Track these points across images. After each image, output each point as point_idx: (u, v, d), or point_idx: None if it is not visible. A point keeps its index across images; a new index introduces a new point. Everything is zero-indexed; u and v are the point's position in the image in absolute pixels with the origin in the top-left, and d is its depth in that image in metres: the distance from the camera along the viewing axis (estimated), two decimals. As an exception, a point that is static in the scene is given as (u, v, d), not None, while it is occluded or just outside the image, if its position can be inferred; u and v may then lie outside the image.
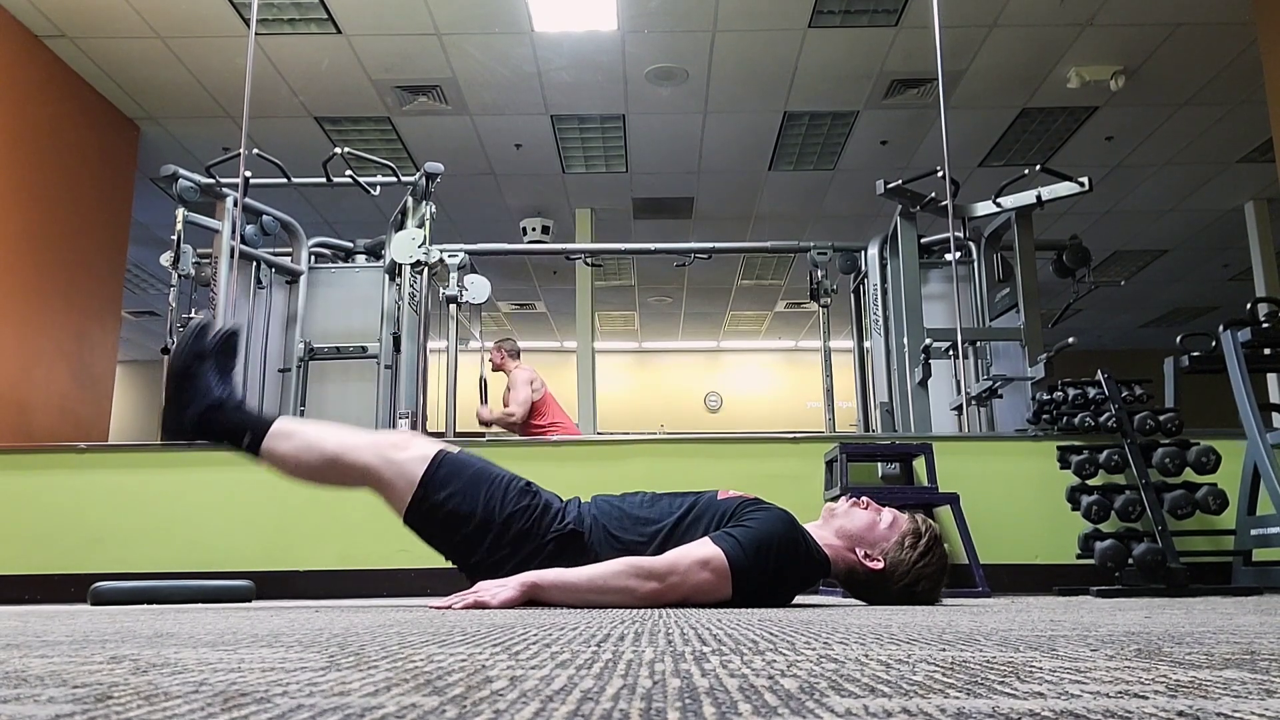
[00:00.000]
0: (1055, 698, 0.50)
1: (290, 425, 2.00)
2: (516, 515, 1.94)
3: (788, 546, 1.85)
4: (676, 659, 0.72)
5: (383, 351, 4.78)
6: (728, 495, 2.00)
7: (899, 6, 4.94)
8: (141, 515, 3.61)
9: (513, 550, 1.92)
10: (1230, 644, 0.87)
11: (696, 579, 1.78)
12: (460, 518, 1.93)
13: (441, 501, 1.92)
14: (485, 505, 1.93)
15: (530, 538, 1.92)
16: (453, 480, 1.94)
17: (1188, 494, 3.06)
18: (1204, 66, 5.47)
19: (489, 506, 1.93)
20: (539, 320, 10.61)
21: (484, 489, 1.95)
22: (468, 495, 1.93)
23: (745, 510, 1.92)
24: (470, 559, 1.96)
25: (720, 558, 1.78)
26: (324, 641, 0.92)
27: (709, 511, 1.94)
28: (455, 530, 1.94)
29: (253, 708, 0.46)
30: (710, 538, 1.84)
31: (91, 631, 1.14)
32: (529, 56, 5.40)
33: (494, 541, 1.92)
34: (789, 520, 1.90)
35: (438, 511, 1.93)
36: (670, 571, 1.78)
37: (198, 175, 4.52)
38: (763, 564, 1.80)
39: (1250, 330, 3.36)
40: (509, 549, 1.92)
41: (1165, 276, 9.03)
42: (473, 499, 1.93)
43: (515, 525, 1.93)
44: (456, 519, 1.93)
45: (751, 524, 1.86)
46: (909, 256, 4.65)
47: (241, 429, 1.97)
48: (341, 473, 1.96)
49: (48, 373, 5.17)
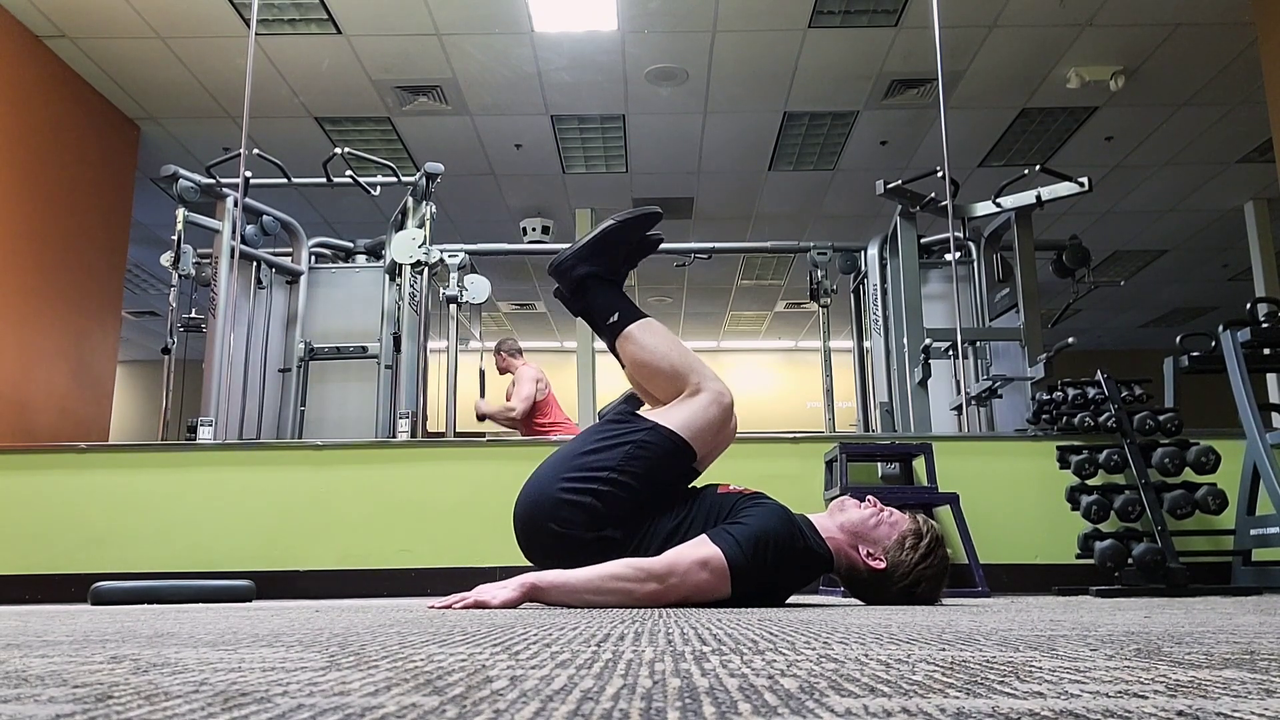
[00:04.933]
0: (1055, 697, 0.50)
1: (658, 325, 2.15)
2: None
3: (785, 541, 1.85)
4: (676, 659, 0.72)
5: (383, 351, 4.78)
6: (727, 490, 2.00)
7: (899, 7, 4.94)
8: (142, 515, 3.61)
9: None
10: (1230, 644, 0.87)
11: (695, 579, 1.78)
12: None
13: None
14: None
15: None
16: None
17: (1187, 494, 3.06)
18: (1204, 66, 5.47)
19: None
20: (539, 320, 10.61)
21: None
22: None
23: (743, 506, 1.92)
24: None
25: (719, 557, 1.78)
26: (324, 641, 0.92)
27: (709, 508, 1.95)
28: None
29: (253, 707, 0.46)
30: (709, 535, 1.84)
31: (92, 631, 1.14)
32: (529, 57, 5.40)
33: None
34: (785, 515, 1.90)
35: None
36: (669, 572, 1.78)
37: (198, 175, 4.52)
38: (760, 561, 1.80)
39: (1250, 330, 3.36)
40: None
41: (1165, 277, 9.03)
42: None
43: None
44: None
45: (749, 520, 1.85)
46: (909, 256, 4.65)
47: (613, 308, 2.11)
48: (673, 384, 2.06)
49: (48, 373, 5.17)
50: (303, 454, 3.74)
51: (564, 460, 1.96)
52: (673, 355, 2.07)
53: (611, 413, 2.18)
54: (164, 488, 3.64)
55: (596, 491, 1.89)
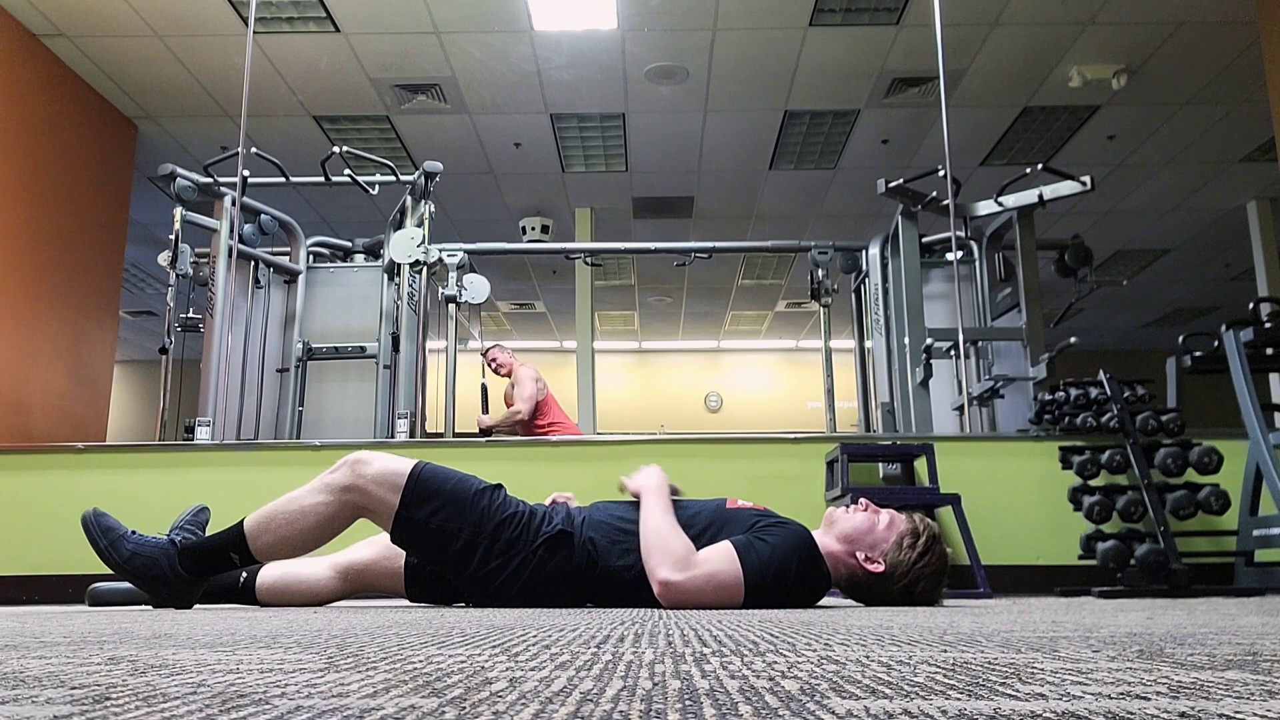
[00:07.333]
0: (1057, 699, 0.50)
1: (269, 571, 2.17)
2: (505, 524, 1.94)
3: (807, 566, 1.86)
4: (677, 660, 0.72)
5: (381, 351, 4.77)
6: (736, 505, 1.99)
7: (900, 5, 4.94)
8: (139, 515, 3.59)
9: (504, 560, 1.92)
10: (1232, 645, 0.87)
11: (715, 582, 1.78)
12: (448, 535, 1.92)
13: (425, 519, 1.91)
14: (473, 520, 1.93)
15: (520, 544, 1.93)
16: (434, 496, 1.93)
17: (1190, 494, 3.06)
18: (1206, 65, 5.46)
19: (477, 520, 1.93)
20: (539, 320, 10.61)
21: (468, 503, 1.94)
22: (452, 512, 1.92)
23: (764, 524, 1.91)
24: (464, 573, 1.95)
25: (739, 577, 1.79)
26: (322, 643, 0.92)
27: (719, 523, 1.93)
28: (445, 547, 1.93)
29: (251, 709, 0.46)
30: (735, 548, 1.82)
31: (89, 632, 1.14)
32: (528, 55, 5.40)
33: (484, 554, 1.92)
34: (808, 539, 1.90)
35: (424, 528, 1.92)
36: (700, 561, 1.80)
37: (196, 174, 4.52)
38: (780, 582, 1.82)
39: (1252, 330, 3.36)
40: (500, 559, 1.92)
41: (1167, 276, 9.02)
42: (459, 515, 1.92)
43: (504, 534, 1.93)
44: (443, 536, 1.92)
45: (773, 540, 1.84)
46: (910, 256, 4.64)
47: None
48: (327, 525, 1.93)
49: (45, 373, 5.17)
50: (301, 454, 3.74)
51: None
52: (286, 529, 1.95)
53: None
54: (162, 488, 3.63)
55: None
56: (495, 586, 1.92)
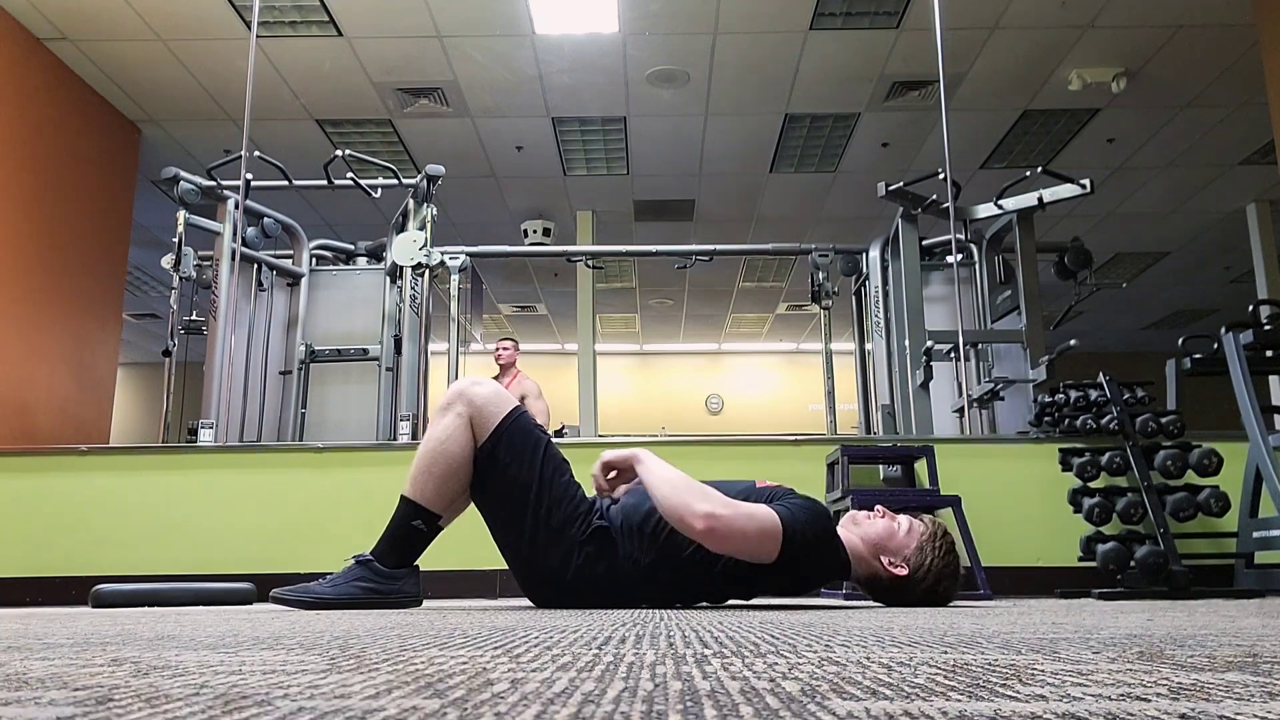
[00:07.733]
0: (1057, 700, 0.50)
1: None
2: (559, 503, 1.96)
3: (835, 542, 1.93)
4: (678, 661, 0.72)
5: (384, 354, 4.78)
6: (764, 484, 2.04)
7: (900, 8, 4.95)
8: (142, 517, 3.61)
9: (551, 539, 1.94)
10: (1232, 647, 0.87)
11: (750, 525, 1.81)
12: (514, 484, 1.95)
13: (505, 464, 1.95)
14: (537, 476, 1.95)
15: (568, 527, 1.95)
16: (524, 438, 1.97)
17: (1190, 496, 3.06)
18: (1205, 68, 5.47)
19: (542, 480, 1.96)
20: (540, 322, 10.61)
21: (541, 457, 1.97)
22: (525, 464, 1.96)
23: (795, 497, 1.97)
24: (513, 540, 1.97)
25: (774, 519, 1.83)
26: (325, 644, 0.92)
27: (753, 499, 1.97)
28: (507, 498, 1.96)
29: (253, 710, 0.46)
30: (772, 507, 1.88)
31: (92, 634, 1.14)
32: (530, 59, 5.40)
33: (533, 524, 1.94)
34: (833, 523, 1.97)
35: (501, 472, 1.95)
36: (733, 506, 1.83)
37: (199, 178, 4.52)
38: (814, 545, 1.86)
39: (1252, 332, 3.36)
40: (547, 537, 1.94)
41: (1167, 279, 9.02)
42: (529, 467, 1.96)
43: (557, 513, 1.95)
44: (509, 486, 1.95)
45: (810, 509, 1.91)
46: (910, 258, 4.65)
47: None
48: (469, 442, 1.96)
49: (49, 375, 5.18)
50: (303, 456, 3.74)
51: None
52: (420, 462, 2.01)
53: None
54: (165, 490, 3.64)
55: None
56: (549, 569, 1.95)
